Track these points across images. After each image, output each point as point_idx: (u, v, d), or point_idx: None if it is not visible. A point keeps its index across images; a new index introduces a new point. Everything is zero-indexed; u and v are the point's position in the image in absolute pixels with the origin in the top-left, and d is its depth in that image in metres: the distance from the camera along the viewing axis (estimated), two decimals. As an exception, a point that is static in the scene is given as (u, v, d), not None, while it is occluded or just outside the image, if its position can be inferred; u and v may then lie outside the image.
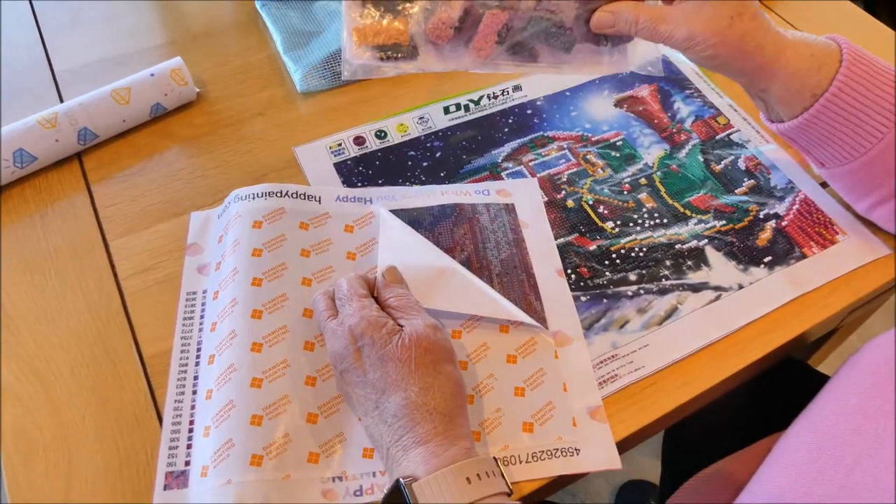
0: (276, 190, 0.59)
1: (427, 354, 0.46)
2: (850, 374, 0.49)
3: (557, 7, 0.54)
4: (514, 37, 0.55)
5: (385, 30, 0.53)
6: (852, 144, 0.54)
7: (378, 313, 0.48)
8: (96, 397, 0.51)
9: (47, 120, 0.62)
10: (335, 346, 0.47)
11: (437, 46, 0.54)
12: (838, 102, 0.52)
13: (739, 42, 0.51)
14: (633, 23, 0.54)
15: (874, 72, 0.53)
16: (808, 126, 0.54)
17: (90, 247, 0.59)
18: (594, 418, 0.51)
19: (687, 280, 0.59)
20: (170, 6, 0.82)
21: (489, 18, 0.54)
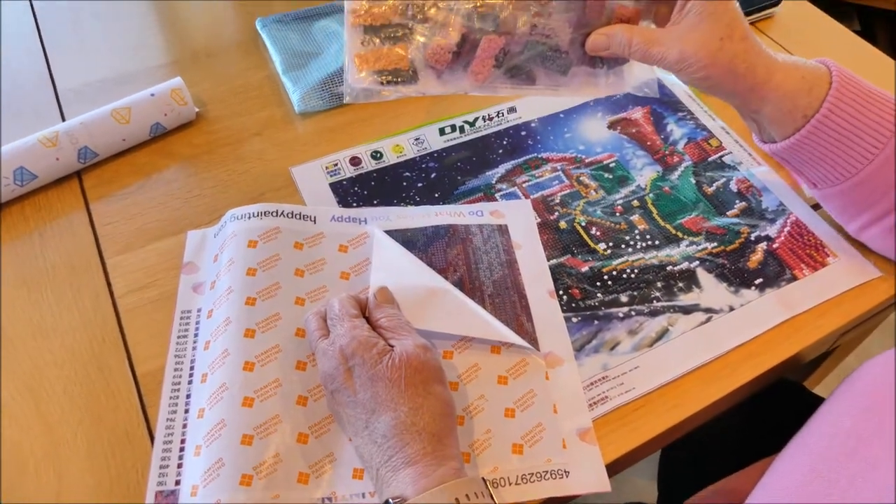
0: (271, 209, 0.59)
1: (417, 374, 0.46)
2: (845, 396, 0.50)
3: (552, 31, 0.55)
4: (511, 60, 0.56)
5: (385, 55, 0.54)
6: (844, 165, 0.55)
7: (369, 333, 0.48)
8: (89, 415, 0.52)
9: (48, 139, 0.63)
10: (326, 365, 0.48)
11: (436, 71, 0.55)
12: (829, 123, 0.53)
13: (730, 63, 0.52)
14: (627, 45, 0.55)
15: (864, 94, 0.54)
16: (800, 146, 0.55)
17: (87, 264, 0.60)
18: (584, 440, 0.51)
19: (678, 302, 0.59)
20: (172, 27, 0.83)
21: (486, 43, 0.55)
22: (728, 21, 0.52)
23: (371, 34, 0.54)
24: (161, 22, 0.83)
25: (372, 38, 0.54)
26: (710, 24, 0.52)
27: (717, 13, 0.52)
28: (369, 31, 0.53)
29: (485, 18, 0.54)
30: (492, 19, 0.54)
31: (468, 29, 0.54)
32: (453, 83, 0.56)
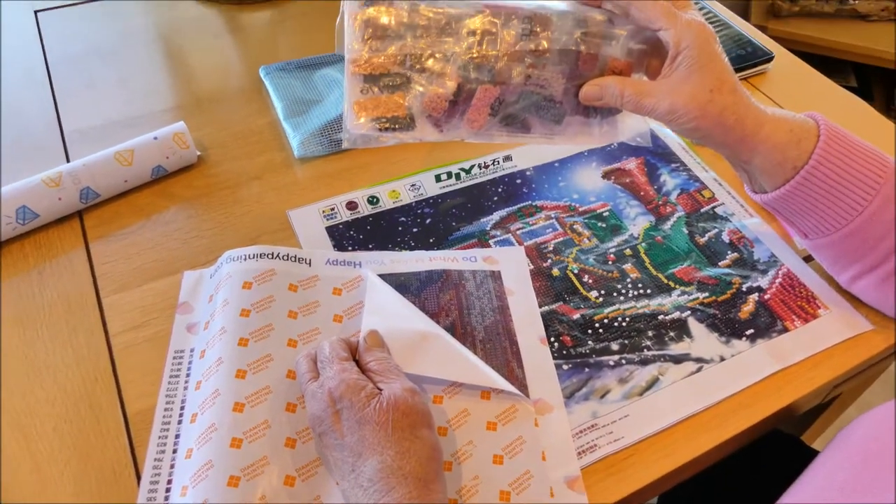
0: (267, 252, 0.60)
1: (404, 418, 0.46)
2: (839, 449, 0.49)
3: (546, 82, 0.57)
4: (506, 109, 0.57)
5: (384, 103, 0.55)
6: (834, 216, 0.56)
7: (358, 376, 0.48)
8: (77, 453, 0.52)
9: (52, 179, 0.64)
10: (314, 408, 0.48)
11: (433, 118, 0.56)
12: (818, 175, 0.54)
13: (719, 116, 0.53)
14: (619, 96, 0.56)
15: (851, 146, 0.55)
16: (790, 197, 0.56)
17: (83, 303, 0.61)
18: (572, 489, 0.51)
19: (669, 351, 0.59)
20: (178, 73, 0.85)
21: (482, 93, 0.56)
22: (717, 74, 0.53)
23: (370, 83, 0.55)
24: (167, 68, 0.86)
25: (371, 87, 0.55)
26: (699, 77, 0.53)
27: (706, 67, 0.53)
28: (369, 80, 0.55)
29: (480, 69, 0.55)
30: (487, 70, 0.55)
31: (464, 79, 0.55)
32: (450, 130, 0.57)
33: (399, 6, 0.54)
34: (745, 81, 0.89)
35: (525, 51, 0.55)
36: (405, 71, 0.55)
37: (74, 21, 0.92)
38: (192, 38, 0.90)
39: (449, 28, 0.54)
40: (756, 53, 0.89)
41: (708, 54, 0.53)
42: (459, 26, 0.54)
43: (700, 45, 0.53)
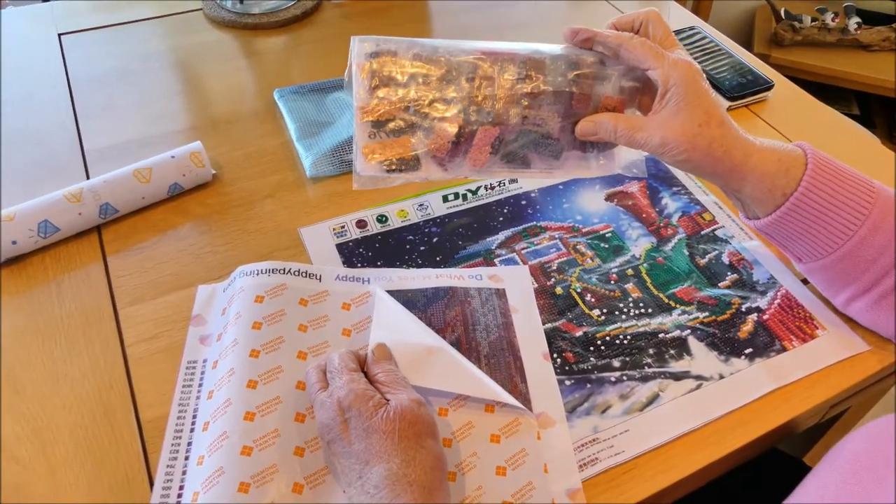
0: (279, 267, 0.62)
1: (410, 427, 0.48)
2: (831, 463, 0.50)
3: (543, 121, 0.60)
4: (506, 147, 0.60)
5: (391, 146, 0.58)
6: (825, 240, 0.58)
7: (366, 386, 0.50)
8: (91, 459, 0.53)
9: (73, 195, 0.67)
10: (323, 416, 0.50)
11: (437, 159, 0.59)
12: (807, 201, 0.56)
13: (708, 148, 0.56)
14: (612, 131, 0.59)
15: (839, 173, 0.57)
16: (781, 223, 0.58)
17: (100, 314, 0.63)
18: (573, 500, 0.52)
19: (669, 368, 0.61)
20: (195, 96, 0.88)
21: (482, 133, 0.59)
22: (705, 109, 0.56)
23: (377, 128, 0.58)
24: (184, 90, 0.89)
25: (378, 132, 0.58)
26: (688, 112, 0.56)
27: (694, 103, 0.56)
28: (376, 126, 0.58)
29: (480, 111, 0.58)
30: (486, 112, 0.58)
31: (465, 121, 0.58)
32: (454, 169, 0.60)
33: (403, 57, 0.57)
34: (745, 109, 0.91)
35: (521, 93, 0.58)
36: (410, 116, 0.58)
37: (96, 44, 0.95)
38: (208, 62, 0.93)
39: (449, 75, 0.58)
40: (756, 81, 0.91)
41: (695, 91, 0.56)
42: (459, 73, 0.58)
43: (687, 82, 0.55)
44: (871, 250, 0.57)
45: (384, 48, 0.58)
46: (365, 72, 0.57)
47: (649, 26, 0.60)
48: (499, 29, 1.02)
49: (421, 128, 0.58)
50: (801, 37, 1.87)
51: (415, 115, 0.58)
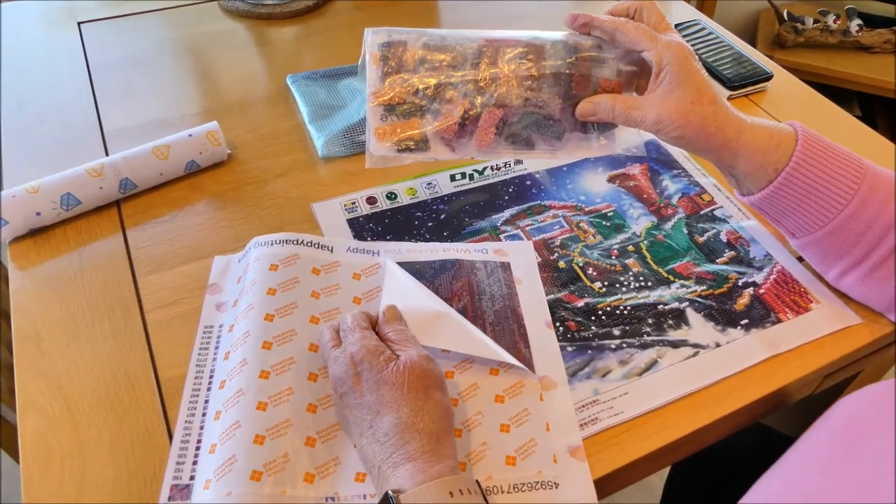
0: (292, 238, 0.65)
1: (419, 380, 0.50)
2: (820, 427, 0.52)
3: (544, 103, 0.63)
4: (510, 129, 0.63)
5: (402, 127, 0.62)
6: (816, 215, 0.60)
7: (377, 343, 0.52)
8: (113, 414, 0.56)
9: (94, 170, 0.69)
10: (336, 370, 0.52)
11: (445, 140, 0.62)
12: (798, 175, 0.59)
13: (701, 123, 0.59)
14: (611, 111, 0.61)
15: (829, 149, 0.60)
16: (774, 197, 0.60)
17: (120, 282, 0.65)
18: (574, 457, 0.54)
19: (667, 337, 0.63)
20: (209, 81, 0.91)
21: (487, 115, 0.62)
22: (696, 87, 0.59)
23: (389, 111, 0.61)
24: (199, 76, 0.92)
25: (389, 115, 0.61)
26: (681, 90, 0.59)
27: (686, 81, 0.58)
28: (387, 109, 0.61)
29: (484, 94, 0.61)
30: (490, 95, 0.61)
31: (471, 103, 0.62)
32: (461, 150, 0.63)
33: (412, 46, 0.61)
34: (746, 98, 0.93)
35: (522, 76, 0.61)
36: (419, 100, 0.61)
37: (113, 33, 0.98)
38: (222, 50, 0.96)
39: (455, 61, 0.62)
40: (756, 72, 0.94)
41: (687, 70, 0.59)
42: (465, 60, 0.62)
43: (680, 62, 0.58)
44: (860, 224, 0.59)
45: (395, 38, 0.62)
46: (377, 60, 0.61)
47: (643, 12, 0.63)
48: (505, 20, 1.05)
49: (429, 110, 0.61)
50: (803, 38, 1.90)
51: (423, 98, 0.61)
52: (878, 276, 0.61)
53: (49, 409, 0.56)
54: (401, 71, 0.61)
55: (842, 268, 0.63)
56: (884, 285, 0.62)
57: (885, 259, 0.60)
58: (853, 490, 0.44)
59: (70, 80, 0.89)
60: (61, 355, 0.59)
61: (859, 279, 0.62)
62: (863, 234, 0.60)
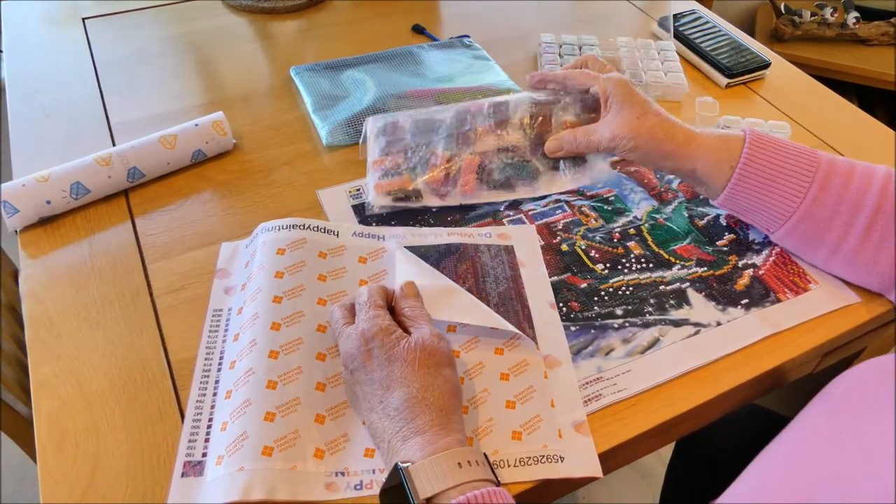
0: (299, 223, 0.66)
1: (429, 358, 0.51)
2: (822, 397, 0.53)
3: (515, 148, 0.73)
4: (489, 175, 0.73)
5: (396, 183, 0.72)
6: (779, 205, 0.63)
7: (389, 322, 0.54)
8: (126, 395, 0.57)
9: (103, 159, 0.70)
10: (348, 347, 0.53)
11: (434, 189, 0.72)
12: (752, 167, 0.63)
13: (650, 132, 0.66)
14: (573, 140, 0.70)
15: (778, 144, 0.63)
16: (735, 193, 0.64)
17: (129, 268, 0.66)
18: (578, 431, 0.55)
19: (669, 316, 0.64)
20: (212, 74, 0.92)
21: (466, 163, 0.72)
22: (639, 105, 0.67)
23: (385, 174, 0.72)
24: (203, 70, 0.93)
25: (385, 175, 0.72)
26: (627, 109, 0.67)
27: (629, 102, 0.67)
28: (384, 172, 0.72)
29: (461, 146, 0.73)
30: (468, 146, 0.73)
31: (451, 155, 0.73)
32: (448, 197, 0.72)
33: (403, 123, 0.74)
34: (743, 86, 0.94)
35: (494, 127, 0.73)
36: (409, 159, 0.72)
37: (117, 29, 0.99)
38: (225, 45, 0.97)
39: (437, 125, 0.74)
40: (753, 60, 0.95)
41: (628, 93, 0.68)
42: (441, 123, 0.74)
43: (621, 90, 0.68)
44: (825, 210, 0.62)
45: (390, 120, 0.75)
46: (375, 138, 0.74)
47: (588, 63, 0.74)
48: (503, 11, 1.06)
49: (418, 168, 0.72)
50: (800, 32, 1.91)
51: (412, 157, 0.72)
52: (862, 260, 0.63)
53: (62, 391, 0.57)
54: (394, 142, 0.73)
55: (824, 254, 0.65)
56: (870, 268, 0.63)
57: (862, 242, 0.62)
58: (852, 457, 0.45)
59: (76, 74, 0.90)
60: (73, 339, 0.60)
61: (844, 264, 0.64)
62: (831, 219, 0.62)
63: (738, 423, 0.91)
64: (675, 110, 0.88)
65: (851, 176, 0.62)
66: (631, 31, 1.04)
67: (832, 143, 0.85)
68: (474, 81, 0.87)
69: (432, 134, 0.74)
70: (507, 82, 0.88)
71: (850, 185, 0.61)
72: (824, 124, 0.88)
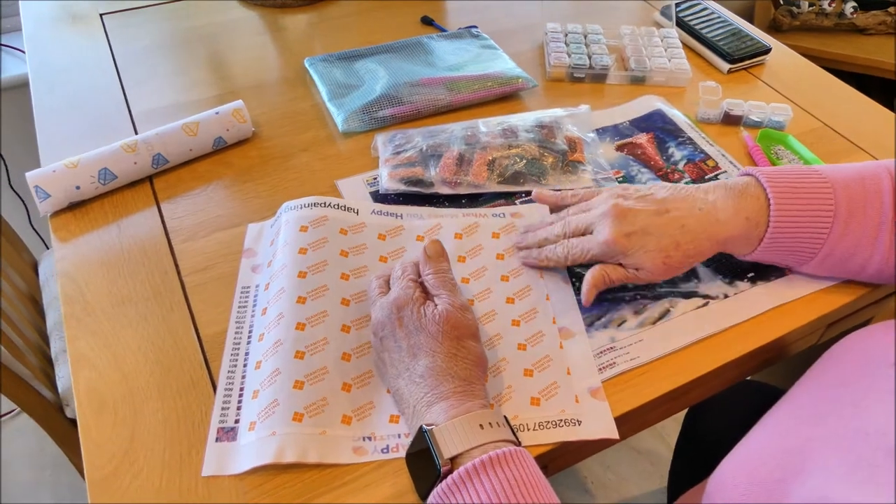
0: (320, 201, 0.68)
1: (454, 330, 0.54)
2: (817, 368, 0.56)
3: (523, 150, 0.77)
4: (500, 168, 0.75)
5: (409, 172, 0.74)
6: (807, 247, 0.62)
7: (420, 293, 0.56)
8: (159, 367, 0.59)
9: (129, 146, 0.73)
10: (380, 315, 0.56)
11: (445, 179, 0.74)
12: (779, 235, 0.61)
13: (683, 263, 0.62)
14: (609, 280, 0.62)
15: (797, 188, 0.61)
16: (761, 258, 0.64)
17: (157, 250, 0.69)
18: (594, 397, 0.58)
19: (678, 289, 0.66)
20: (228, 65, 0.94)
21: (479, 156, 0.76)
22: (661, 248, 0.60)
23: (396, 167, 0.75)
24: (218, 61, 0.95)
25: (398, 167, 0.75)
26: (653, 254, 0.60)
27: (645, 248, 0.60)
28: (395, 166, 0.75)
29: (473, 145, 0.77)
30: (480, 146, 0.77)
31: (463, 150, 0.76)
32: (459, 186, 0.74)
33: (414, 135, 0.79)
34: (745, 72, 0.97)
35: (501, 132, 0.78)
36: (423, 153, 0.76)
37: (134, 23, 1.02)
38: (239, 37, 1.00)
39: (449, 135, 0.78)
40: (754, 46, 0.97)
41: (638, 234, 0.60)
42: (451, 132, 0.79)
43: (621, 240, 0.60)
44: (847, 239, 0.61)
45: (400, 134, 0.79)
46: (386, 143, 0.78)
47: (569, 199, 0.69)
48: (508, 2, 1.08)
49: (432, 158, 0.76)
50: (799, 22, 1.93)
51: (426, 151, 0.76)
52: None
53: (99, 363, 0.59)
54: (406, 145, 0.77)
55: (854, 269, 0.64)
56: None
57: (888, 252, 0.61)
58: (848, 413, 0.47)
59: (96, 66, 0.93)
60: (106, 315, 0.63)
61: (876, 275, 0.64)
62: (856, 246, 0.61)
63: (745, 402, 0.93)
64: (679, 95, 0.91)
65: (865, 196, 0.60)
66: (633, 20, 1.07)
67: (832, 124, 0.87)
68: (484, 69, 0.90)
69: (443, 134, 0.78)
70: (516, 69, 0.90)
71: (868, 208, 0.60)
72: (824, 107, 0.90)
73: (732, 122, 0.86)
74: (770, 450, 0.50)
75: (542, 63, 0.96)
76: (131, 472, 0.52)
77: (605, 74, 0.93)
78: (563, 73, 0.93)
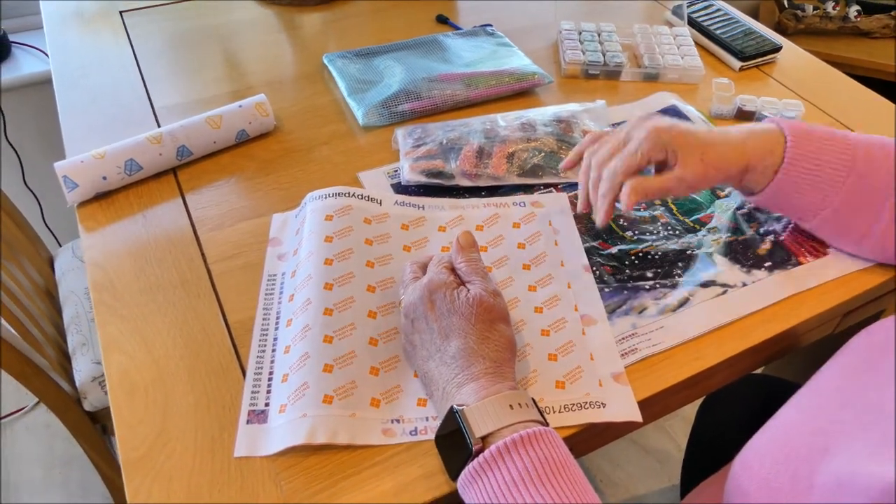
0: (344, 191, 0.69)
1: (486, 313, 0.55)
2: (842, 351, 0.57)
3: (541, 144, 0.79)
4: (519, 161, 0.77)
5: (430, 164, 0.76)
6: (819, 197, 0.64)
7: (454, 278, 0.57)
8: (188, 351, 0.60)
9: (154, 137, 0.74)
10: (413, 297, 0.57)
11: (466, 172, 0.76)
12: (792, 171, 0.63)
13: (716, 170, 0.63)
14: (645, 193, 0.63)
15: (817, 139, 0.63)
16: (775, 194, 0.65)
17: (183, 239, 0.70)
18: (617, 381, 0.59)
19: (697, 278, 0.67)
20: (247, 62, 0.96)
21: (499, 149, 0.77)
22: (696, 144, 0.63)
23: (417, 160, 0.76)
24: (237, 58, 0.96)
25: (419, 160, 0.76)
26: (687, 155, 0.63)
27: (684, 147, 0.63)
28: (416, 159, 0.76)
29: (493, 139, 0.78)
30: (499, 139, 0.78)
31: (483, 143, 0.78)
32: (479, 178, 0.76)
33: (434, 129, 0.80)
34: (756, 69, 0.98)
35: (520, 127, 0.80)
36: (443, 146, 0.77)
37: (154, 21, 1.03)
38: (257, 35, 1.01)
39: (468, 129, 0.80)
40: (766, 44, 0.99)
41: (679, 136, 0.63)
42: (470, 126, 0.80)
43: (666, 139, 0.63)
44: (857, 198, 0.63)
45: (420, 127, 0.81)
46: (405, 137, 0.79)
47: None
48: (522, 1, 1.10)
49: (452, 151, 0.77)
50: (803, 25, 1.95)
51: (446, 144, 0.77)
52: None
53: (129, 348, 0.60)
54: (426, 140, 0.78)
55: (855, 237, 0.66)
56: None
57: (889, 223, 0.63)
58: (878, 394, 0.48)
59: (118, 63, 0.94)
60: (135, 301, 0.64)
61: (873, 246, 0.66)
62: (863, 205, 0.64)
63: (756, 395, 0.94)
64: (692, 92, 0.92)
65: (885, 156, 0.63)
66: (645, 19, 1.08)
67: (844, 120, 0.88)
68: (501, 66, 0.91)
69: (462, 128, 0.80)
70: (532, 66, 0.91)
71: (883, 172, 0.62)
72: (835, 103, 0.91)
73: (745, 118, 0.88)
74: (796, 431, 0.51)
75: (557, 60, 0.98)
76: (164, 453, 0.53)
77: (620, 71, 0.94)
78: (579, 70, 0.95)
